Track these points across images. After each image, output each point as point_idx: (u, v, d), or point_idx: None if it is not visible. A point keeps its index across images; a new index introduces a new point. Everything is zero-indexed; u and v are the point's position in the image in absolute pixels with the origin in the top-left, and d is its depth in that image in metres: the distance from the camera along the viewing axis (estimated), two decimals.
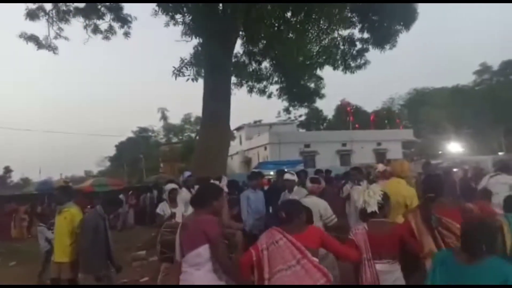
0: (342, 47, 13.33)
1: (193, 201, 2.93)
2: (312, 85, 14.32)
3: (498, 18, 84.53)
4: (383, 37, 12.60)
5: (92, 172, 58.42)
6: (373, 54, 13.99)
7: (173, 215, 5.57)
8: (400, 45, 12.92)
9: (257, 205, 6.06)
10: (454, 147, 32.78)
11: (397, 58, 70.29)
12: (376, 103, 60.83)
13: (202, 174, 6.73)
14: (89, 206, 9.44)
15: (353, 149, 32.80)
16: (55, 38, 12.55)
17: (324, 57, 10.89)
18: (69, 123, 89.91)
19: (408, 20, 12.22)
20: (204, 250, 2.61)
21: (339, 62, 12.84)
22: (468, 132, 35.81)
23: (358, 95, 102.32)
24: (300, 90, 14.03)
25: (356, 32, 13.29)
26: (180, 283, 2.68)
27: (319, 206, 4.49)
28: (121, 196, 12.59)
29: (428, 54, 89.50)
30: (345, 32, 13.10)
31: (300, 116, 49.48)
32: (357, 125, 38.47)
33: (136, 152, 43.56)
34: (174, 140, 47.60)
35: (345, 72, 13.47)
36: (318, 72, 12.90)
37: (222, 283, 2.65)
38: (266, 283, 2.62)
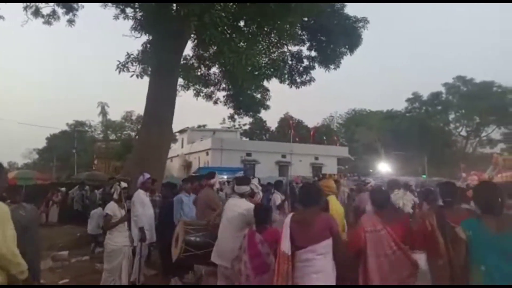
0: (290, 62, 13.80)
1: (306, 199, 3.28)
2: (259, 95, 14.59)
3: (430, 51, 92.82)
4: (328, 57, 13.26)
5: (17, 164, 53.87)
6: (318, 72, 14.68)
7: (124, 218, 5.11)
8: (344, 66, 13.71)
9: (189, 209, 5.96)
10: (384, 167, 35.12)
11: (340, 79, 74.00)
12: (317, 119, 63.46)
13: (139, 174, 6.51)
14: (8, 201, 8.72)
15: (292, 161, 33.76)
16: None
17: (272, 70, 11.17)
18: None
19: (353, 44, 13.02)
20: (329, 242, 3.06)
21: (286, 76, 13.24)
22: (397, 155, 38.54)
23: (301, 110, 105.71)
24: (246, 99, 14.22)
25: (304, 50, 13.86)
26: (305, 269, 3.02)
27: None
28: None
29: (368, 78, 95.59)
30: (294, 48, 13.61)
31: (244, 124, 49.83)
32: (297, 139, 39.59)
33: (69, 146, 40.84)
34: (112, 137, 45.48)
35: (291, 87, 13.96)
36: (265, 83, 13.21)
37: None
38: (370, 260, 3.17)
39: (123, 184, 5.31)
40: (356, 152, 43.83)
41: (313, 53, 13.73)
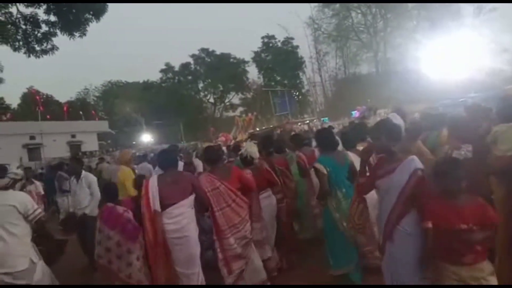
0: (23, 27, 11.93)
1: (165, 163, 3.74)
2: None
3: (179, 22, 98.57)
4: (72, 23, 12.20)
5: None
6: (65, 42, 13.25)
7: None
8: (94, 36, 12.98)
9: None
10: (146, 138, 36.18)
11: (91, 49, 68.85)
12: (70, 94, 57.07)
13: None
14: None
15: (44, 143, 29.99)
16: None
17: None
18: None
19: (99, 11, 12.39)
20: (193, 196, 3.60)
21: (21, 43, 11.45)
22: (157, 124, 40.20)
23: (49, 84, 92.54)
24: None
25: (40, 13, 12.21)
26: (178, 223, 3.43)
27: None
28: None
29: (123, 49, 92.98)
30: (26, 10, 11.81)
31: None
32: (48, 116, 35.32)
33: None
34: None
35: (29, 56, 12.16)
36: None
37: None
38: (217, 214, 3.73)
39: None
40: (117, 125, 42.95)
41: (53, 18, 12.29)
